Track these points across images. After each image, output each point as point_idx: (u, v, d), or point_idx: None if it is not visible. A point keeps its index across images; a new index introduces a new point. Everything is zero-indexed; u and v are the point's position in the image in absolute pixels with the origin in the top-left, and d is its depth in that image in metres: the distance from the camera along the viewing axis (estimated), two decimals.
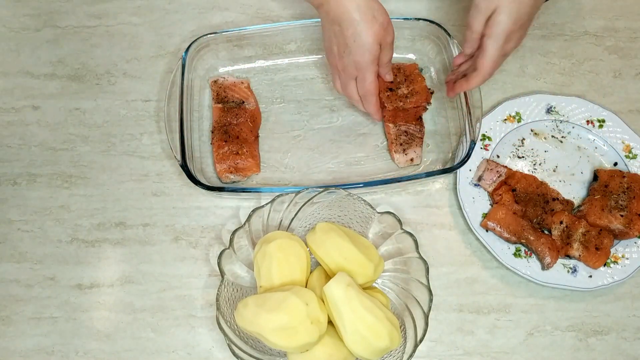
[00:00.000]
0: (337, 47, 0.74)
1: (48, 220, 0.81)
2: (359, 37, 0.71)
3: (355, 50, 0.72)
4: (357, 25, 0.71)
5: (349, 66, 0.75)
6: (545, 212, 0.79)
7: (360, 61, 0.73)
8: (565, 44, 0.93)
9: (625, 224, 0.77)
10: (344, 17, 0.71)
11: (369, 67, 0.74)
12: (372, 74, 0.75)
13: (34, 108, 0.88)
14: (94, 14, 0.95)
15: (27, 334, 0.75)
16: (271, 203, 0.73)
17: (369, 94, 0.77)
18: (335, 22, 0.72)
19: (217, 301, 0.68)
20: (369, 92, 0.77)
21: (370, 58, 0.73)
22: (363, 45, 0.72)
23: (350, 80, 0.77)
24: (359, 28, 0.71)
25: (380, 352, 0.66)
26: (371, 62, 0.74)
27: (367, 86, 0.76)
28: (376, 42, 0.72)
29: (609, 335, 0.76)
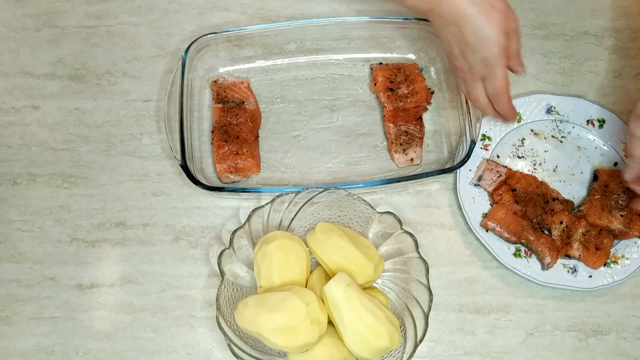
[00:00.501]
0: (459, 48, 0.69)
1: (48, 220, 0.81)
2: (480, 31, 0.66)
3: (480, 47, 0.67)
4: (475, 20, 0.66)
5: (476, 65, 0.69)
6: (545, 212, 0.79)
7: (488, 56, 0.68)
8: (565, 44, 0.93)
9: (625, 224, 0.77)
10: (460, 15, 0.66)
11: (497, 62, 0.68)
12: (502, 69, 0.69)
13: (34, 108, 0.88)
14: (94, 14, 0.95)
15: (27, 334, 0.75)
16: (271, 203, 0.73)
17: (501, 92, 0.71)
18: (451, 22, 0.67)
19: (217, 301, 0.68)
20: (501, 90, 0.71)
21: (498, 51, 0.67)
22: (487, 39, 0.66)
23: (476, 82, 0.72)
24: (478, 22, 0.66)
25: (380, 352, 0.66)
26: (500, 56, 0.68)
27: (497, 84, 0.70)
28: (501, 32, 0.67)
29: (609, 335, 0.76)
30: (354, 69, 0.90)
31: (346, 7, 0.95)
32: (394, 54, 0.91)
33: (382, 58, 0.91)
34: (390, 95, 0.86)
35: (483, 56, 0.68)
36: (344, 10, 0.95)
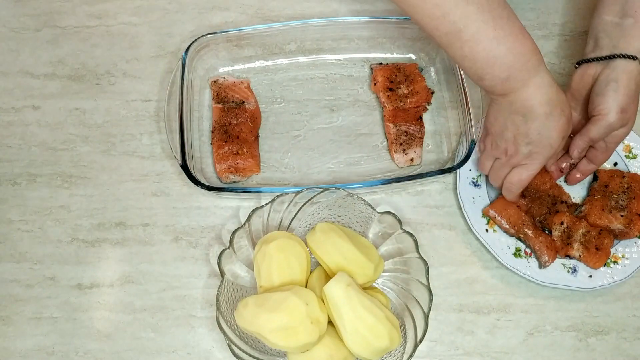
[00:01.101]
0: (514, 135, 0.69)
1: (48, 220, 0.81)
2: (546, 131, 0.67)
3: (538, 144, 0.68)
4: (545, 120, 0.66)
5: (521, 155, 0.70)
6: (550, 213, 0.79)
7: (540, 154, 0.69)
8: (565, 44, 0.93)
9: (625, 224, 0.77)
10: (532, 110, 0.66)
11: (543, 161, 0.70)
12: (535, 169, 0.71)
13: (34, 108, 0.88)
14: (94, 14, 0.95)
15: (27, 334, 0.75)
16: (271, 203, 0.73)
17: (521, 184, 0.73)
18: (519, 113, 0.67)
19: (217, 301, 0.68)
20: (522, 183, 0.73)
21: (551, 153, 0.69)
22: (548, 139, 0.68)
23: (506, 167, 0.73)
24: (547, 123, 0.67)
25: (380, 352, 0.66)
26: (550, 157, 0.70)
27: (525, 175, 0.72)
28: (561, 137, 0.68)
29: (609, 335, 0.76)
30: (354, 69, 0.90)
31: (346, 7, 0.95)
32: (394, 54, 0.91)
33: (382, 58, 0.91)
34: (390, 95, 0.86)
35: (536, 151, 0.69)
36: (344, 10, 0.95)
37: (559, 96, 0.67)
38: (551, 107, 0.66)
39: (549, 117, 0.67)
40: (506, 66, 0.64)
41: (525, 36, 0.64)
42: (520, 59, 0.64)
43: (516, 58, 0.64)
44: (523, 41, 0.64)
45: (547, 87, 0.66)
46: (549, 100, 0.66)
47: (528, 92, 0.66)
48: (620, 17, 0.73)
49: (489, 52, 0.63)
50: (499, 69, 0.64)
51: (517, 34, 0.64)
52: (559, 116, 0.67)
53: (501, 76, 0.65)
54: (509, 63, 0.64)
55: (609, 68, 0.72)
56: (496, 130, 0.72)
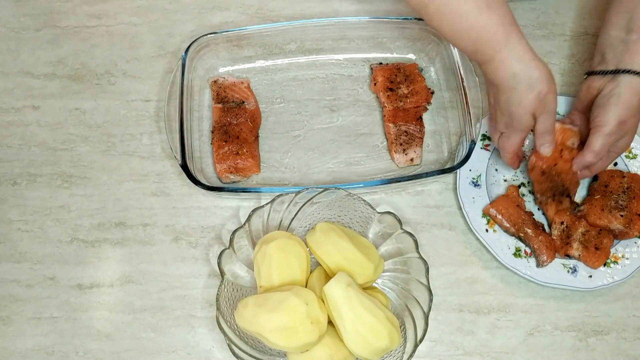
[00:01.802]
0: (494, 101, 0.73)
1: (48, 220, 0.81)
2: (511, 105, 0.69)
3: (508, 115, 0.71)
4: (510, 94, 0.69)
5: (501, 123, 0.74)
6: (553, 199, 0.78)
7: (512, 126, 0.72)
8: (565, 44, 0.93)
9: (625, 224, 0.77)
10: (501, 82, 0.69)
11: (516, 132, 0.73)
12: (518, 137, 0.73)
13: (34, 108, 0.88)
14: (94, 14, 0.95)
15: (27, 334, 0.75)
16: (271, 203, 0.73)
17: (506, 151, 0.76)
18: (494, 83, 0.70)
19: (217, 301, 0.68)
20: (506, 150, 0.75)
21: (520, 127, 0.71)
22: (513, 114, 0.70)
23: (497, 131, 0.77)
24: (512, 97, 0.69)
25: (380, 352, 0.66)
26: (520, 130, 0.72)
27: (507, 145, 0.75)
28: (527, 113, 0.70)
29: (609, 335, 0.76)
30: (354, 69, 0.90)
31: (346, 7, 0.95)
32: (394, 54, 0.91)
33: (382, 58, 0.91)
34: (390, 95, 0.86)
35: (506, 121, 0.72)
36: (344, 10, 0.95)
37: (528, 71, 0.67)
38: (517, 82, 0.67)
39: (514, 91, 0.68)
40: (471, 41, 0.67)
41: (492, 9, 0.66)
42: (483, 33, 0.66)
43: (479, 33, 0.66)
44: (489, 14, 0.65)
45: (514, 61, 0.67)
46: (515, 76, 0.67)
47: (494, 65, 0.68)
48: (625, 33, 0.75)
49: (453, 27, 0.67)
50: (465, 43, 0.68)
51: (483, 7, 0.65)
52: (525, 92, 0.68)
53: (468, 49, 0.69)
54: (473, 38, 0.67)
55: (614, 82, 0.73)
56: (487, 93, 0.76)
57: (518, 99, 0.68)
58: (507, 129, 0.74)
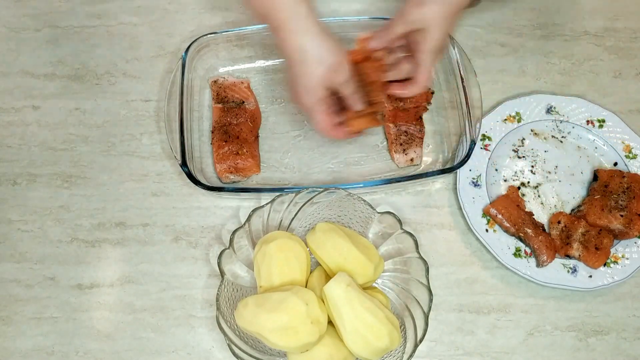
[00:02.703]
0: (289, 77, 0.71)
1: (48, 220, 0.81)
2: (300, 78, 0.69)
3: (298, 93, 0.70)
4: (299, 67, 0.68)
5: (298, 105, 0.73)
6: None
7: (304, 103, 0.71)
8: (565, 44, 0.93)
9: (625, 224, 0.77)
10: (290, 55, 0.68)
11: (313, 108, 0.71)
12: (318, 113, 0.71)
13: (34, 108, 0.88)
14: (94, 14, 0.95)
15: (27, 334, 0.75)
16: (271, 203, 0.73)
17: (324, 131, 0.73)
18: (285, 55, 0.69)
19: (217, 301, 0.68)
20: (323, 129, 0.73)
21: (312, 100, 0.70)
22: (304, 87, 0.69)
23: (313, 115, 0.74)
24: (301, 70, 0.68)
25: (380, 352, 0.66)
26: (314, 104, 0.70)
27: (317, 126, 0.73)
28: (319, 85, 0.69)
29: (609, 335, 0.76)
30: None
31: (346, 7, 0.95)
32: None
33: None
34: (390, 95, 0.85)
35: (300, 101, 0.71)
36: (344, 10, 0.95)
37: (318, 43, 0.67)
38: (305, 55, 0.67)
39: (303, 65, 0.67)
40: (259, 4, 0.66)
41: None
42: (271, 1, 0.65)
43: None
44: None
45: (301, 34, 0.66)
46: (302, 49, 0.67)
47: (282, 36, 0.67)
48: None
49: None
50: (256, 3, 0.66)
51: None
52: (314, 66, 0.67)
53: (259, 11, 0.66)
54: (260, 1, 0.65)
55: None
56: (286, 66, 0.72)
57: (306, 72, 0.67)
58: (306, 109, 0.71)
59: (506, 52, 0.92)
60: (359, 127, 0.76)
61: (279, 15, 0.66)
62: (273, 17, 0.66)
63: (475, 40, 0.93)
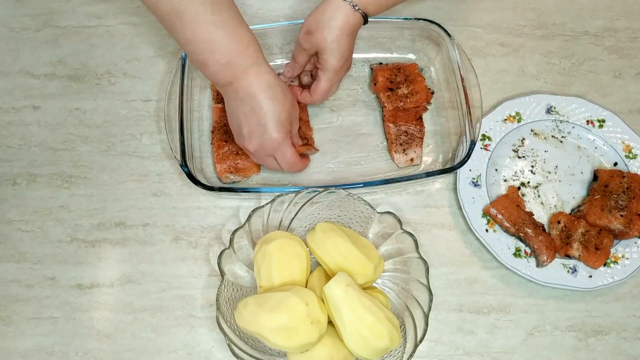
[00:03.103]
0: (249, 128, 0.72)
1: (48, 220, 0.81)
2: (274, 115, 0.70)
3: (272, 129, 0.71)
4: (270, 104, 0.70)
5: (266, 144, 0.73)
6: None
7: (277, 138, 0.72)
8: (565, 44, 0.93)
9: (625, 224, 0.77)
10: (257, 96, 0.69)
11: (286, 142, 0.73)
12: (290, 146, 0.74)
13: (34, 108, 0.88)
14: (94, 14, 0.95)
15: (27, 334, 0.75)
16: (271, 203, 0.73)
17: (295, 164, 0.76)
18: (246, 102, 0.70)
19: (217, 301, 0.68)
20: (294, 162, 0.76)
21: (285, 134, 0.73)
22: (278, 123, 0.71)
23: (268, 157, 0.75)
24: (272, 106, 0.70)
25: (380, 352, 0.66)
26: (287, 137, 0.73)
27: (289, 158, 0.75)
28: (288, 119, 0.72)
29: (609, 335, 0.76)
30: (354, 69, 0.90)
31: None
32: (394, 54, 0.91)
33: (382, 58, 0.91)
34: (390, 95, 0.86)
35: (272, 137, 0.72)
36: None
37: (278, 82, 0.71)
38: (273, 92, 0.70)
39: (274, 100, 0.70)
40: (226, 50, 0.68)
41: (242, 26, 0.69)
42: (239, 45, 0.68)
43: (234, 44, 0.68)
44: (241, 29, 0.69)
45: (266, 74, 0.70)
46: (270, 86, 0.70)
47: (249, 79, 0.69)
48: None
49: (208, 35, 0.67)
50: (219, 54, 0.68)
51: (235, 22, 0.68)
52: (283, 99, 0.71)
53: (221, 61, 0.68)
54: (228, 47, 0.68)
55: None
56: (235, 129, 0.75)
57: (279, 108, 0.71)
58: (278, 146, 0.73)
59: (506, 52, 0.92)
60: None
61: (246, 60, 0.69)
62: (239, 63, 0.69)
63: (475, 40, 0.93)
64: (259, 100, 0.70)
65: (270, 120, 0.71)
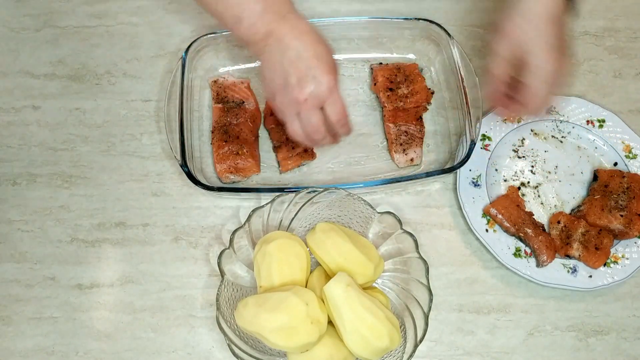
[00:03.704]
0: (297, 76, 0.66)
1: (48, 220, 0.81)
2: (322, 56, 0.67)
3: (323, 70, 0.66)
4: (317, 46, 0.67)
5: (315, 92, 0.67)
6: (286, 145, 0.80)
7: (330, 80, 0.67)
8: None
9: (625, 224, 0.77)
10: (302, 39, 0.66)
11: (337, 88, 0.68)
12: (340, 96, 0.69)
13: (34, 108, 0.88)
14: (94, 14, 0.95)
15: (27, 334, 0.75)
16: (271, 203, 0.73)
17: (344, 115, 0.71)
18: (291, 48, 0.66)
19: (217, 301, 0.68)
20: (343, 113, 0.70)
21: (335, 78, 0.68)
22: (328, 64, 0.67)
23: (314, 111, 0.69)
24: (320, 48, 0.67)
25: (380, 352, 0.66)
26: (337, 83, 0.68)
27: (339, 108, 0.69)
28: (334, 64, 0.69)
29: (609, 335, 0.76)
30: (354, 69, 0.90)
31: (346, 7, 0.95)
32: (394, 54, 0.91)
33: (382, 58, 0.91)
34: (390, 95, 0.86)
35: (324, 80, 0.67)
36: (344, 10, 0.95)
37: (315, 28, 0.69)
38: (317, 35, 0.68)
39: (319, 43, 0.68)
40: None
41: None
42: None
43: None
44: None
45: (304, 20, 0.69)
46: (312, 29, 0.68)
47: (291, 24, 0.67)
48: None
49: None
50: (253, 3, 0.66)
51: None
52: (326, 43, 0.69)
53: (256, 9, 0.67)
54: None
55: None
56: (278, 84, 0.69)
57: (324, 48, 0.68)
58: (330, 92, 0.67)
59: None
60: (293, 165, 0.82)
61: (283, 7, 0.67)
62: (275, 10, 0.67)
63: (475, 40, 0.93)
64: (305, 43, 0.66)
65: (320, 61, 0.67)
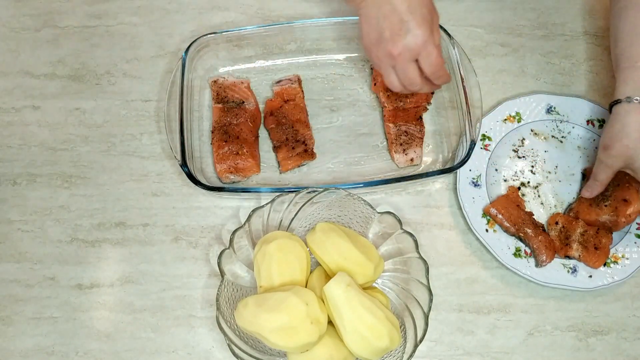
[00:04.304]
0: (390, 30, 0.68)
1: (48, 220, 0.81)
2: (415, 8, 0.67)
3: (415, 23, 0.67)
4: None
5: (408, 45, 0.68)
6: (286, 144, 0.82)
7: (422, 33, 0.67)
8: (565, 44, 0.93)
9: (611, 212, 0.77)
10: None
11: (431, 39, 0.68)
12: (435, 47, 0.69)
13: (34, 108, 0.88)
14: (94, 14, 0.95)
15: (27, 334, 0.75)
16: (271, 203, 0.73)
17: (440, 66, 0.71)
18: (386, 1, 0.67)
19: (217, 301, 0.68)
20: (439, 64, 0.70)
21: (429, 30, 0.68)
22: (421, 16, 0.67)
23: (409, 64, 0.70)
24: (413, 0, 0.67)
25: (380, 352, 0.66)
26: (431, 35, 0.69)
27: (434, 59, 0.70)
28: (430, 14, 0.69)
29: (609, 335, 0.76)
30: (354, 69, 0.90)
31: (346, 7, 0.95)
32: None
33: None
34: (390, 95, 0.86)
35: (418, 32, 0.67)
36: (344, 10, 0.95)
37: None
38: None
39: None
40: None
41: None
42: None
43: None
44: None
45: None
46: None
47: None
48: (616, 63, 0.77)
49: None
50: None
51: None
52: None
53: None
54: None
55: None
56: (374, 38, 0.70)
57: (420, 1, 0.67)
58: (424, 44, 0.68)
59: (506, 52, 0.92)
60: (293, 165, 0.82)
61: None
62: None
63: (475, 40, 0.93)
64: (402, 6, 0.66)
65: (412, 14, 0.67)
